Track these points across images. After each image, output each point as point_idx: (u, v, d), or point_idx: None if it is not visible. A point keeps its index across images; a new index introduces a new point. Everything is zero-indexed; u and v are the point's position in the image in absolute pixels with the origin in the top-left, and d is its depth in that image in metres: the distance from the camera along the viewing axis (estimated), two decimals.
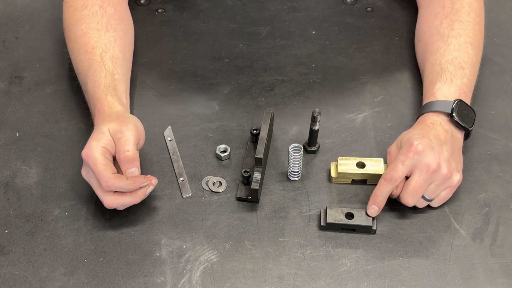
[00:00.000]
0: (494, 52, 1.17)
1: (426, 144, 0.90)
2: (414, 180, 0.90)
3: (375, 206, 0.92)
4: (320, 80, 1.13)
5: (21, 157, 1.01)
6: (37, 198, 0.96)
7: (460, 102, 0.96)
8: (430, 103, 0.98)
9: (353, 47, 1.19)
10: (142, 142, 0.93)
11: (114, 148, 0.89)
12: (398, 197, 0.93)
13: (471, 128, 0.98)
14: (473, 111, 0.99)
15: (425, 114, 0.97)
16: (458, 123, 0.95)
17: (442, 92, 0.98)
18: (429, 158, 0.90)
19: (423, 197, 0.92)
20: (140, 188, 0.89)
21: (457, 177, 0.93)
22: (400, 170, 0.90)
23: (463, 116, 0.96)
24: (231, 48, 1.18)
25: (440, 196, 0.93)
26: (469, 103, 0.99)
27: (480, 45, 1.07)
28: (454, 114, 0.95)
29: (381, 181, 0.91)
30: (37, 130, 1.05)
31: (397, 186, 0.91)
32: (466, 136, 0.99)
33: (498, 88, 1.12)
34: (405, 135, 0.94)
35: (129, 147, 0.89)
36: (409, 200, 0.91)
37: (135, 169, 0.89)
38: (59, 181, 0.98)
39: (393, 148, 0.95)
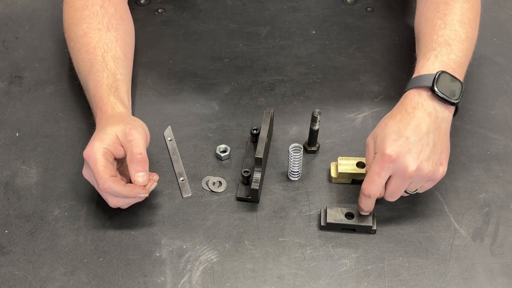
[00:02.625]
0: (494, 52, 1.17)
1: (401, 148, 0.86)
2: (392, 185, 0.88)
3: (364, 213, 0.92)
4: (320, 80, 1.13)
5: (21, 157, 1.01)
6: (37, 198, 0.96)
7: (443, 74, 0.90)
8: (412, 79, 0.93)
9: (353, 47, 1.19)
10: (147, 145, 0.93)
11: (117, 150, 0.89)
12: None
13: (457, 101, 0.90)
14: (461, 83, 0.92)
15: (407, 93, 0.92)
16: (441, 97, 0.89)
17: (425, 68, 0.93)
18: (406, 163, 0.86)
19: (405, 191, 0.90)
20: (142, 188, 0.89)
21: (440, 171, 0.89)
22: (378, 183, 0.87)
23: (446, 88, 0.89)
24: (231, 48, 1.18)
25: (423, 187, 0.91)
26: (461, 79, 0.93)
27: (471, 22, 1.01)
28: (435, 88, 0.88)
29: (361, 195, 0.89)
30: (37, 130, 1.05)
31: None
32: (456, 110, 0.93)
33: (498, 88, 1.12)
34: (381, 132, 0.89)
35: (141, 150, 0.89)
36: (389, 200, 0.91)
37: (143, 173, 0.88)
38: (59, 181, 0.98)
39: (370, 143, 0.91)
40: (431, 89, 0.89)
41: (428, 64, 0.93)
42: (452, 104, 0.90)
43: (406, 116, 0.89)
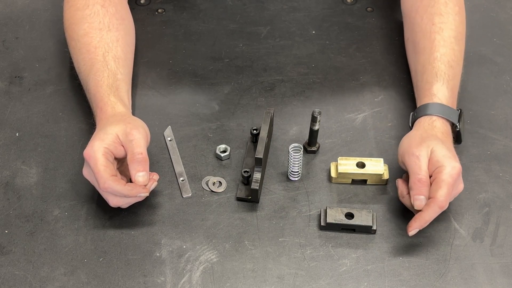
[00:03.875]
0: (494, 52, 1.17)
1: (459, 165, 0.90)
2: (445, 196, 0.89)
3: (418, 229, 0.89)
4: (320, 80, 1.13)
5: (21, 157, 1.01)
6: (37, 198, 0.96)
7: (461, 113, 0.98)
8: (436, 105, 0.96)
9: (353, 47, 1.19)
10: (148, 144, 0.93)
11: (118, 150, 0.90)
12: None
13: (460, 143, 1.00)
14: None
15: (436, 119, 0.95)
16: (459, 134, 0.97)
17: (442, 94, 0.98)
18: (460, 179, 0.90)
19: None
20: (143, 187, 0.89)
21: (462, 186, 0.93)
22: (451, 195, 0.89)
23: (460, 126, 0.98)
24: (231, 48, 1.18)
25: None
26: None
27: (463, 37, 1.06)
28: (458, 125, 0.97)
29: (434, 207, 0.87)
30: (37, 130, 1.05)
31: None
32: None
33: (498, 88, 1.12)
34: (439, 148, 0.90)
35: (141, 149, 0.89)
36: (433, 216, 0.89)
37: (144, 173, 0.88)
38: (59, 181, 0.98)
39: (422, 153, 0.90)
40: (454, 125, 0.97)
41: (444, 91, 0.98)
42: (458, 142, 0.99)
43: (444, 139, 0.94)
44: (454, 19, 1.05)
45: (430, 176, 0.89)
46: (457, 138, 0.98)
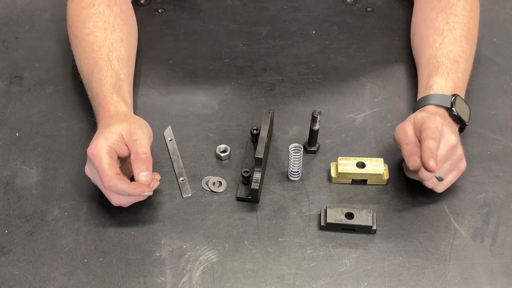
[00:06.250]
0: (494, 52, 1.17)
1: (443, 122, 0.91)
2: (439, 153, 0.89)
3: (433, 159, 0.86)
4: (320, 80, 1.13)
5: (21, 157, 1.01)
6: (37, 198, 0.96)
7: (457, 97, 0.97)
8: (429, 96, 0.98)
9: (353, 47, 1.19)
10: (151, 144, 0.93)
11: (121, 149, 0.90)
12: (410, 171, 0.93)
13: (468, 123, 0.98)
14: (468, 106, 1.00)
15: (426, 107, 0.97)
16: (457, 117, 0.96)
17: (439, 86, 0.99)
18: (450, 133, 0.90)
19: (436, 176, 0.92)
20: (147, 186, 0.89)
21: (464, 163, 0.94)
22: (439, 132, 0.89)
23: (460, 110, 0.97)
24: (231, 48, 1.18)
25: (447, 180, 0.93)
26: (463, 97, 1.00)
27: (475, 39, 1.08)
28: (453, 108, 0.96)
29: (428, 141, 0.87)
30: (37, 130, 1.05)
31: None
32: (460, 130, 1.00)
33: (498, 88, 1.12)
34: (419, 115, 0.93)
35: (145, 149, 0.89)
36: (428, 175, 0.90)
37: (147, 173, 0.89)
38: (59, 181, 0.98)
39: (407, 127, 0.93)
40: (449, 109, 0.96)
41: (441, 82, 0.99)
42: (463, 124, 0.98)
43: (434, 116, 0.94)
44: (469, 22, 1.07)
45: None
46: (461, 123, 0.98)
